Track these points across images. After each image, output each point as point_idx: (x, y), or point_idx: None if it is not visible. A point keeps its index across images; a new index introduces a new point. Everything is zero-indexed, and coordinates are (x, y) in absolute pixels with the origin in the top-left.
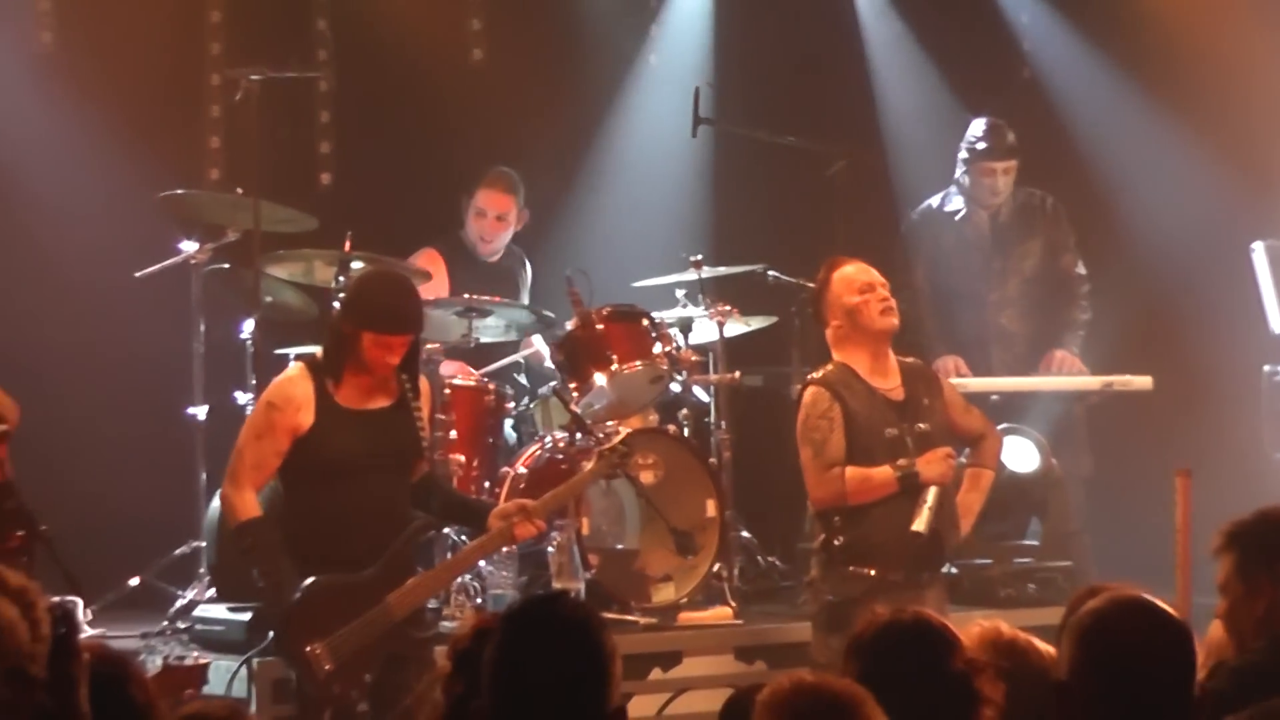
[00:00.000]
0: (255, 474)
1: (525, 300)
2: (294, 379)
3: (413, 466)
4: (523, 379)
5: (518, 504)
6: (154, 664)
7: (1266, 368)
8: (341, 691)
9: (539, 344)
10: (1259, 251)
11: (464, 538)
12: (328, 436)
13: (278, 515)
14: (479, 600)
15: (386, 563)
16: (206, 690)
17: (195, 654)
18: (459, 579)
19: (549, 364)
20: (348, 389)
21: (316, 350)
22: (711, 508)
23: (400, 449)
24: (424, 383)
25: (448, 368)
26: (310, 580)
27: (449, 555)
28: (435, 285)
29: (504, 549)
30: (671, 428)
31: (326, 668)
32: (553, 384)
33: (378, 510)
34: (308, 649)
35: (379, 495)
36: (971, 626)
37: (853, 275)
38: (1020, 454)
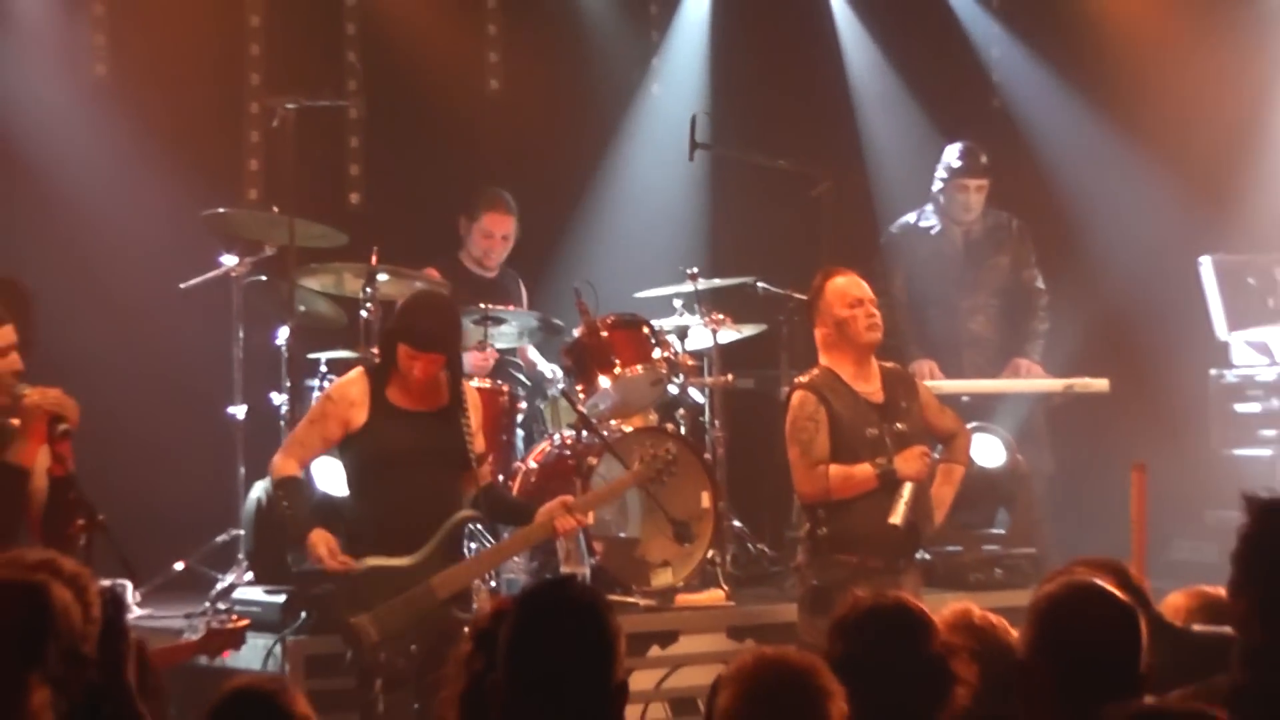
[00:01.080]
0: (300, 450)
1: (525, 308)
2: (352, 380)
3: (462, 468)
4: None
5: (561, 501)
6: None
7: (1213, 371)
8: (388, 659)
9: (533, 354)
10: (1206, 265)
11: None
12: (379, 431)
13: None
14: (494, 585)
15: (431, 548)
16: (243, 666)
17: (235, 616)
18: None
19: (540, 369)
20: (397, 391)
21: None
22: (706, 499)
23: (445, 449)
24: (475, 395)
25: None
26: (360, 563)
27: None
28: None
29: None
30: (670, 426)
31: (372, 638)
32: (561, 386)
33: (423, 500)
34: (353, 620)
35: (425, 487)
36: (944, 609)
37: (845, 288)
38: (989, 450)
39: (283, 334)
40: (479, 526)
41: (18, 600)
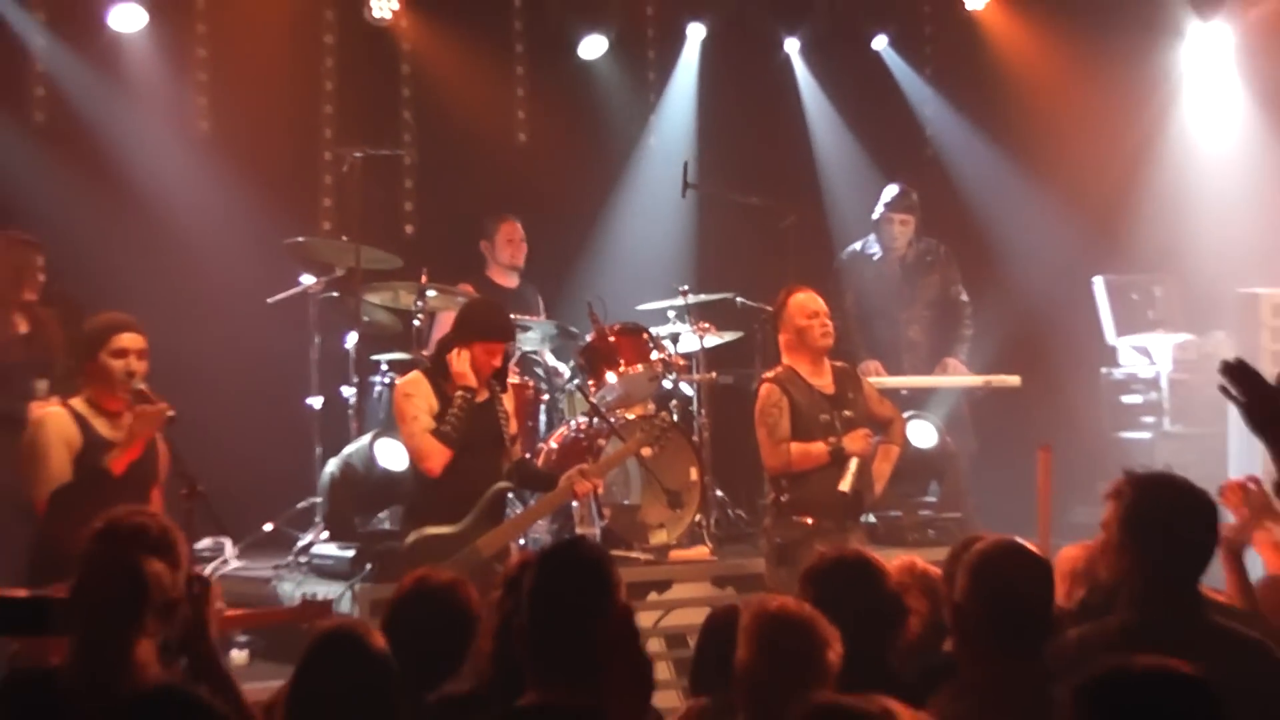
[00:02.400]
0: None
1: (543, 318)
2: (415, 380)
3: (500, 448)
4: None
5: (578, 469)
6: (293, 597)
7: (1104, 370)
8: None
9: (549, 356)
10: (1099, 284)
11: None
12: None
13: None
14: (522, 542)
15: (475, 516)
16: None
17: (323, 593)
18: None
19: (555, 366)
20: (451, 388)
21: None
22: (694, 473)
23: (487, 433)
24: (509, 387)
25: None
26: (414, 535)
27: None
28: None
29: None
30: (664, 414)
31: None
32: (575, 381)
33: (469, 476)
34: None
35: (470, 465)
36: (894, 560)
37: (804, 302)
38: (922, 434)
39: (351, 339)
40: (513, 495)
41: (119, 577)
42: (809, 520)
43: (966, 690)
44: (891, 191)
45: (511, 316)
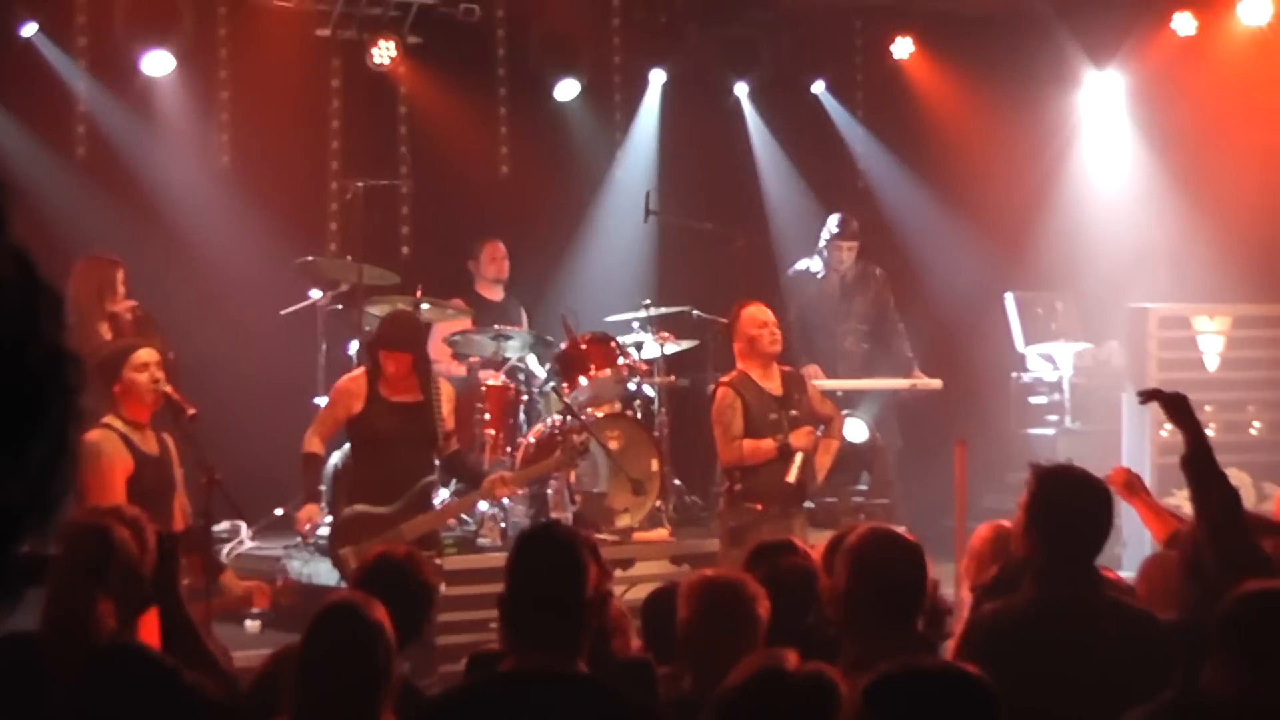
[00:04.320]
0: (320, 428)
1: (525, 328)
2: (355, 377)
3: (432, 444)
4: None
5: (500, 474)
6: (301, 573)
7: (1014, 374)
8: None
9: (531, 362)
10: (1010, 299)
11: None
12: (370, 416)
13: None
14: (504, 525)
15: (405, 502)
16: (321, 583)
17: (326, 571)
18: (472, 512)
19: (534, 371)
20: (386, 387)
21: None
22: (655, 465)
23: (419, 430)
24: (448, 388)
25: (483, 373)
26: (349, 509)
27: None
28: (466, 321)
29: (490, 502)
30: (630, 413)
31: (352, 566)
32: (551, 384)
33: (399, 468)
34: (341, 550)
35: (401, 458)
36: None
37: (754, 314)
38: (855, 430)
39: (353, 346)
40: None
41: (88, 537)
42: (759, 507)
43: (851, 665)
44: (835, 220)
45: (495, 326)
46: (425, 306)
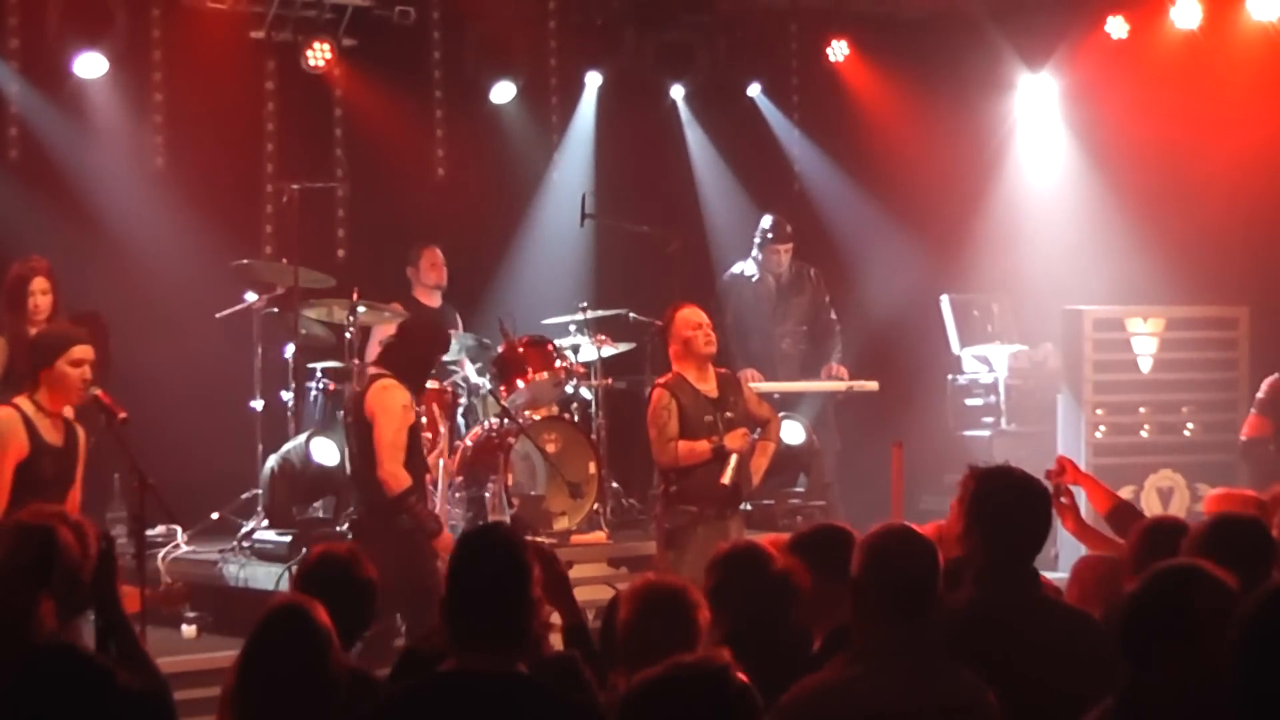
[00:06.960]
0: (403, 454)
1: (460, 332)
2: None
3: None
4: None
5: None
6: (238, 577)
7: (950, 376)
8: None
9: (467, 366)
10: (945, 301)
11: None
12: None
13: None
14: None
15: None
16: (258, 588)
17: (263, 574)
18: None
19: (469, 374)
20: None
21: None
22: (593, 467)
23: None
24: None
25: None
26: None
27: None
28: None
29: (457, 494)
30: (567, 415)
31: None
32: (489, 387)
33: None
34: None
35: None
36: (767, 537)
37: (689, 315)
38: (792, 432)
39: (289, 349)
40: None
41: (34, 538)
42: (694, 509)
43: (860, 654)
44: (769, 221)
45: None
46: (362, 309)
